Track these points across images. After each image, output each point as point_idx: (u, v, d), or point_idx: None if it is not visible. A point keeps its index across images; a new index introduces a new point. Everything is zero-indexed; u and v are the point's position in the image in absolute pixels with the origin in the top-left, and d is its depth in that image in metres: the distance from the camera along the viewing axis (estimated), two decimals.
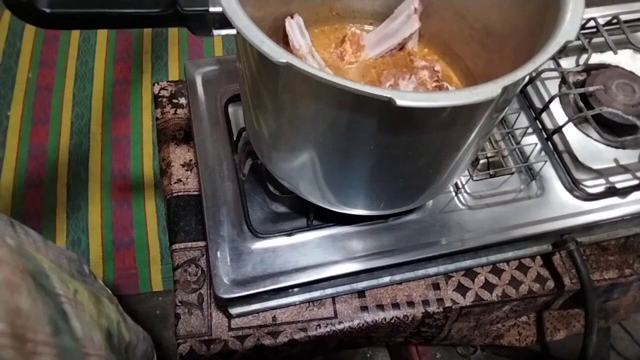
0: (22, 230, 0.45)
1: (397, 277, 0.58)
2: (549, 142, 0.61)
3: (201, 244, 0.60)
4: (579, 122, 0.63)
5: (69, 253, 0.52)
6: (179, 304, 0.57)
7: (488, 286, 0.60)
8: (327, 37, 0.56)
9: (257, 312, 0.57)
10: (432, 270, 0.58)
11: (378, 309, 0.58)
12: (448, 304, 0.59)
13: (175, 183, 0.65)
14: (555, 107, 0.64)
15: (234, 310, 0.55)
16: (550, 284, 0.61)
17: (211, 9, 0.36)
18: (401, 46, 0.55)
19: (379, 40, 0.54)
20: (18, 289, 0.34)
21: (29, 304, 0.34)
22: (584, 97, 0.63)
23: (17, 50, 1.67)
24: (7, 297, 0.32)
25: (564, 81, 0.65)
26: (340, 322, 0.57)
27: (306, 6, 0.53)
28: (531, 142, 0.61)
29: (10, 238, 0.38)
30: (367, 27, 0.57)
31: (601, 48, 0.68)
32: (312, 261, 0.52)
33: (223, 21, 0.36)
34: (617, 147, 0.61)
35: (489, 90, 0.29)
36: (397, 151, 0.37)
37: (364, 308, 0.58)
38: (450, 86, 0.52)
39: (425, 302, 0.59)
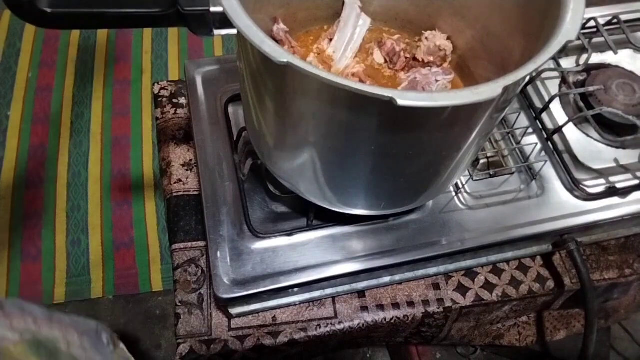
0: (18, 311, 0.43)
1: (397, 277, 0.58)
2: (549, 142, 0.61)
3: (201, 244, 0.60)
4: (579, 122, 0.63)
5: (85, 324, 0.49)
6: (179, 304, 0.57)
7: (488, 286, 0.60)
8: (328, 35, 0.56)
9: (257, 312, 0.57)
10: (432, 270, 0.58)
11: (378, 309, 0.58)
12: (448, 304, 0.59)
13: (175, 183, 0.65)
14: (556, 107, 0.64)
15: (234, 310, 0.54)
16: (551, 284, 0.61)
17: (212, 9, 0.36)
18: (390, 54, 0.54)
19: (343, 49, 0.53)
20: None
21: None
22: (584, 97, 0.63)
23: (17, 50, 1.67)
24: None
25: (564, 81, 0.65)
26: (340, 322, 0.57)
27: (306, 6, 0.53)
28: (531, 142, 0.61)
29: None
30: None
31: (601, 48, 0.68)
32: (312, 261, 0.52)
33: (224, 21, 0.36)
34: (617, 147, 0.61)
35: (490, 90, 0.29)
36: (397, 151, 0.37)
37: (364, 308, 0.58)
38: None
39: (426, 302, 0.59)
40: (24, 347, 0.40)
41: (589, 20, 0.68)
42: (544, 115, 0.63)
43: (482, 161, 0.60)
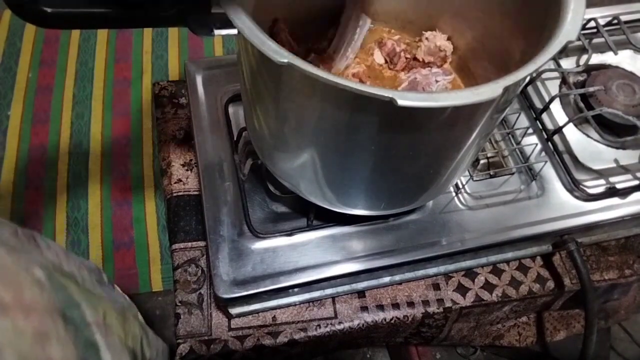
0: (45, 244, 0.45)
1: (397, 277, 0.58)
2: (549, 143, 0.61)
3: (201, 243, 0.60)
4: (579, 122, 0.63)
5: (88, 263, 0.51)
6: (179, 304, 0.57)
7: (488, 286, 0.60)
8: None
9: (257, 312, 0.57)
10: (432, 270, 0.58)
11: (378, 309, 0.58)
12: (448, 304, 0.59)
13: (175, 183, 0.65)
14: (556, 107, 0.64)
15: (234, 310, 0.54)
16: (551, 284, 0.61)
17: (212, 10, 0.36)
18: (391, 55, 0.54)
19: (343, 49, 0.53)
20: (48, 338, 0.34)
21: (59, 354, 0.34)
22: (584, 97, 0.63)
23: (17, 50, 1.67)
24: (38, 352, 0.32)
25: (564, 81, 0.65)
26: (340, 322, 0.57)
27: (306, 6, 0.53)
28: (531, 142, 0.61)
29: (40, 268, 0.37)
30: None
31: (601, 48, 0.68)
32: (312, 261, 0.52)
33: (224, 21, 0.36)
34: (617, 148, 0.61)
35: (490, 90, 0.29)
36: (397, 151, 0.37)
37: (364, 308, 0.58)
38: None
39: (425, 303, 0.59)
40: (57, 273, 0.42)
41: (589, 20, 0.68)
42: (544, 116, 0.63)
43: (482, 161, 0.60)
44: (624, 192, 0.57)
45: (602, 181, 0.59)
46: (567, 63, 0.68)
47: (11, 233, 0.42)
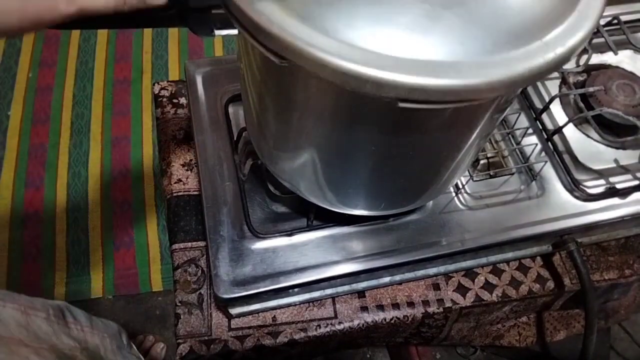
0: (72, 319, 0.46)
1: (397, 278, 0.58)
2: (549, 143, 0.61)
3: (201, 244, 0.60)
4: (579, 122, 0.63)
5: (111, 328, 0.52)
6: (179, 304, 0.57)
7: (488, 286, 0.60)
8: None
9: (257, 312, 0.57)
10: (432, 270, 0.58)
11: (378, 309, 0.58)
12: (448, 304, 0.59)
13: (175, 183, 0.65)
14: (556, 107, 0.64)
15: (233, 310, 0.54)
16: (551, 284, 0.61)
17: (213, 10, 0.36)
18: None
19: None
20: None
21: None
22: (584, 97, 0.63)
23: (17, 50, 1.67)
24: None
25: (564, 82, 0.65)
26: (340, 323, 0.57)
27: None
28: (531, 142, 0.61)
29: None
30: None
31: (601, 48, 0.68)
32: (312, 261, 0.52)
33: (224, 21, 0.36)
34: (617, 148, 0.61)
35: None
36: (398, 151, 0.37)
37: (364, 308, 0.58)
38: None
39: (425, 303, 0.59)
40: (82, 355, 0.43)
41: None
42: (544, 116, 0.63)
43: (482, 162, 0.60)
44: (624, 192, 0.57)
45: (602, 181, 0.59)
46: (567, 63, 0.68)
47: (43, 319, 0.43)
